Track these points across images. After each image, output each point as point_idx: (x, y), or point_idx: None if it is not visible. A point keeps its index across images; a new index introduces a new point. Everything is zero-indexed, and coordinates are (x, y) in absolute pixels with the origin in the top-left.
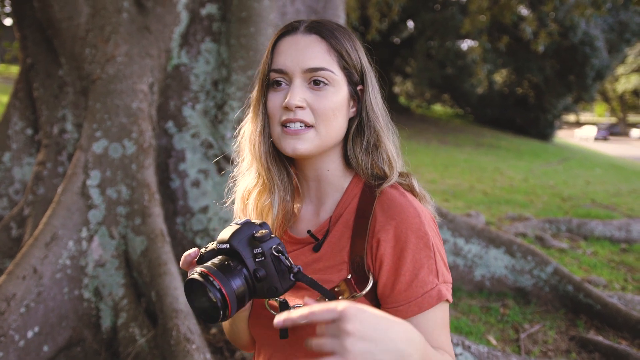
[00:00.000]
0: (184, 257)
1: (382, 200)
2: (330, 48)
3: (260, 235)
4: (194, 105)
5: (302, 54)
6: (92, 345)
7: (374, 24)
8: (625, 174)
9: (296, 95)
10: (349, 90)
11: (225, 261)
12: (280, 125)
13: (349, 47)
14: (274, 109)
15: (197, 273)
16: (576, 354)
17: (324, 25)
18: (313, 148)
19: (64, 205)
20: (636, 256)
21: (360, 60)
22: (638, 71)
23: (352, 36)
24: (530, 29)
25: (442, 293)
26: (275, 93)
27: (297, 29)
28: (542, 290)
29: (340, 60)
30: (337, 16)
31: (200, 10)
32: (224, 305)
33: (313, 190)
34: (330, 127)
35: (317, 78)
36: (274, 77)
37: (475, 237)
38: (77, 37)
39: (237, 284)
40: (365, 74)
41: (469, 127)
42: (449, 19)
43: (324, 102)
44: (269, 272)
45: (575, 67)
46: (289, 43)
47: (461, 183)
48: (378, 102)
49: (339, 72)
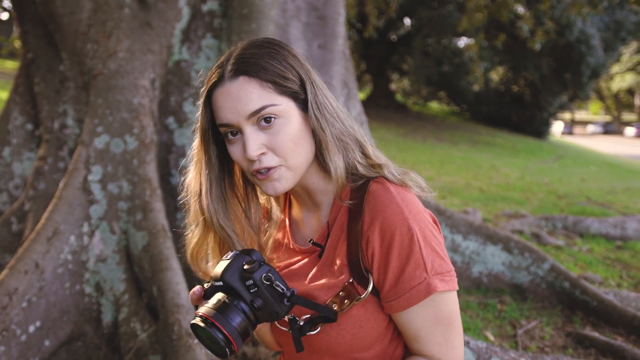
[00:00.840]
0: (190, 295)
1: (369, 199)
2: (261, 82)
3: (249, 267)
4: (194, 101)
5: (238, 102)
6: (93, 340)
7: (372, 21)
8: (620, 172)
9: (252, 145)
10: (299, 108)
11: (222, 300)
12: (251, 174)
13: (280, 69)
14: (239, 161)
15: (198, 318)
16: (573, 349)
17: (247, 60)
18: (291, 182)
19: (65, 200)
20: (631, 253)
21: (297, 73)
22: (633, 70)
23: (281, 52)
24: (527, 27)
25: (431, 286)
26: (233, 145)
27: (224, 77)
28: (539, 286)
29: (277, 88)
30: (337, 13)
31: (202, 7)
32: (227, 343)
33: (307, 199)
34: (296, 156)
35: (263, 117)
36: (223, 130)
37: (472, 233)
38: (78, 32)
39: (237, 320)
40: (305, 82)
41: (465, 124)
42: (446, 16)
43: (280, 138)
44: (266, 300)
45: (571, 65)
46: (222, 96)
47: (457, 180)
48: (327, 108)
49: (282, 100)
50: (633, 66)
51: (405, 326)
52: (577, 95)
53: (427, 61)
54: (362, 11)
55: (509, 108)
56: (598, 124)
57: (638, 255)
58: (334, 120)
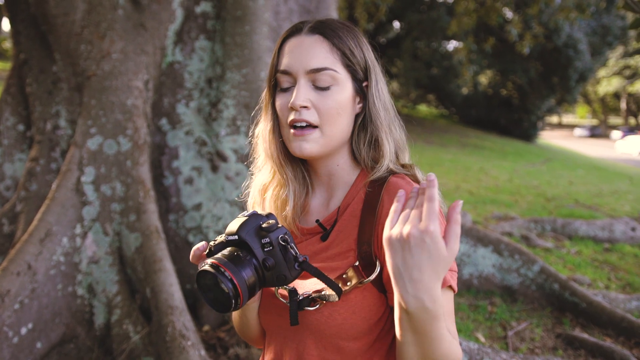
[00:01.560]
0: (193, 251)
1: (389, 189)
2: (333, 47)
3: (268, 225)
4: (187, 102)
5: (305, 55)
6: (85, 342)
7: (361, 24)
8: (607, 174)
9: (300, 95)
10: (353, 87)
11: (234, 252)
12: (289, 127)
13: (353, 45)
14: (281, 110)
15: (208, 265)
16: (562, 351)
17: (328, 25)
18: (319, 148)
19: (58, 201)
20: (619, 255)
21: (364, 57)
22: (619, 74)
23: (357, 33)
24: (515, 31)
25: (446, 280)
26: (282, 94)
27: (301, 30)
28: (528, 288)
29: (343, 59)
30: (329, 16)
31: (195, 8)
32: (235, 294)
33: (324, 184)
34: (335, 126)
35: (321, 78)
36: (280, 78)
37: (463, 235)
38: (72, 33)
39: (248, 273)
40: (369, 70)
41: (453, 127)
42: (436, 19)
43: (328, 101)
44: (278, 261)
45: (558, 69)
46: (293, 44)
47: (447, 183)
48: (382, 97)
49: (343, 71)
50: (619, 70)
51: None
52: (564, 99)
53: (417, 64)
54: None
55: (498, 111)
56: (585, 128)
57: (626, 257)
58: (386, 112)
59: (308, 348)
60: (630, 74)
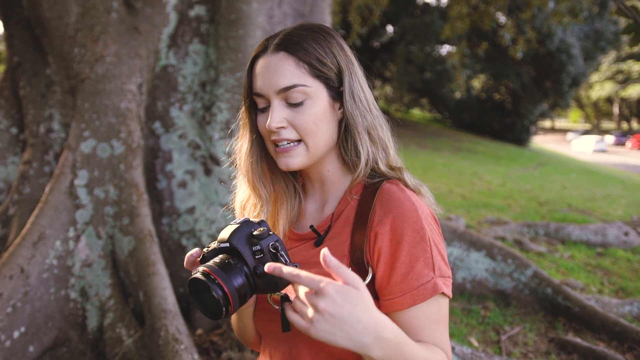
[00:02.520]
0: (187, 257)
1: (381, 196)
2: (298, 62)
3: (259, 232)
4: (181, 106)
5: (273, 75)
6: (78, 346)
7: (355, 28)
8: (599, 179)
9: (275, 117)
10: (329, 95)
11: (226, 260)
12: (273, 145)
13: (321, 53)
14: (263, 130)
15: (199, 272)
16: (555, 355)
17: (292, 39)
18: (305, 161)
19: (51, 204)
20: (612, 260)
21: (337, 62)
22: (612, 79)
23: (325, 37)
24: (508, 35)
25: (437, 286)
26: (261, 115)
27: (267, 49)
28: (522, 292)
29: (312, 70)
30: (323, 20)
31: (189, 12)
32: (226, 302)
33: (317, 190)
34: (316, 137)
35: (292, 95)
36: (256, 99)
37: (456, 240)
38: (66, 37)
39: (238, 281)
40: (343, 74)
41: (446, 131)
42: (429, 24)
43: (303, 117)
44: None
45: (551, 73)
46: (261, 65)
47: (440, 187)
48: (359, 100)
49: (314, 82)
50: (612, 75)
51: (408, 325)
52: (557, 104)
53: (410, 68)
54: (346, 18)
55: (491, 115)
56: (578, 132)
57: (618, 261)
58: (366, 113)
59: (301, 353)
60: (622, 78)
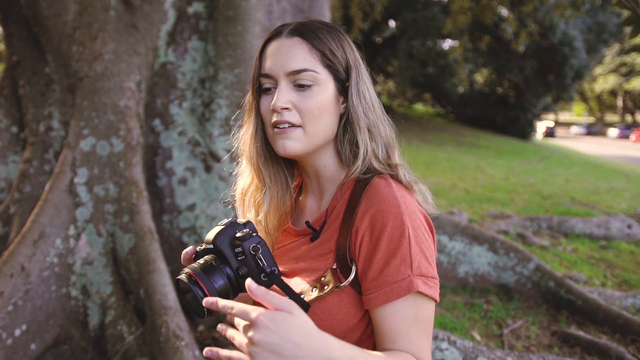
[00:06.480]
0: (183, 255)
1: (369, 191)
2: (312, 48)
3: (241, 234)
4: (181, 103)
5: (285, 57)
6: (79, 344)
7: (357, 23)
8: (603, 172)
9: (281, 97)
10: (335, 87)
11: (210, 261)
12: (272, 127)
13: (333, 45)
14: (265, 112)
15: (184, 274)
16: (558, 348)
17: (307, 27)
18: (302, 146)
19: (51, 203)
20: (615, 253)
21: (346, 57)
22: (615, 71)
23: (338, 33)
24: (510, 29)
25: (413, 284)
26: (265, 97)
27: (281, 33)
28: (524, 286)
29: (323, 59)
30: (322, 15)
31: (187, 9)
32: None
33: (314, 184)
34: (317, 125)
35: (301, 79)
36: (262, 81)
37: (458, 234)
38: (64, 35)
39: (219, 283)
40: (350, 69)
41: (450, 126)
42: (431, 18)
43: (308, 102)
44: (251, 270)
45: (554, 67)
46: (274, 47)
47: (443, 181)
48: (364, 97)
49: (323, 71)
50: (615, 68)
51: (383, 324)
52: (560, 97)
53: (412, 63)
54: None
55: (494, 110)
56: (581, 126)
57: (622, 254)
58: (369, 110)
59: None
60: (626, 71)
